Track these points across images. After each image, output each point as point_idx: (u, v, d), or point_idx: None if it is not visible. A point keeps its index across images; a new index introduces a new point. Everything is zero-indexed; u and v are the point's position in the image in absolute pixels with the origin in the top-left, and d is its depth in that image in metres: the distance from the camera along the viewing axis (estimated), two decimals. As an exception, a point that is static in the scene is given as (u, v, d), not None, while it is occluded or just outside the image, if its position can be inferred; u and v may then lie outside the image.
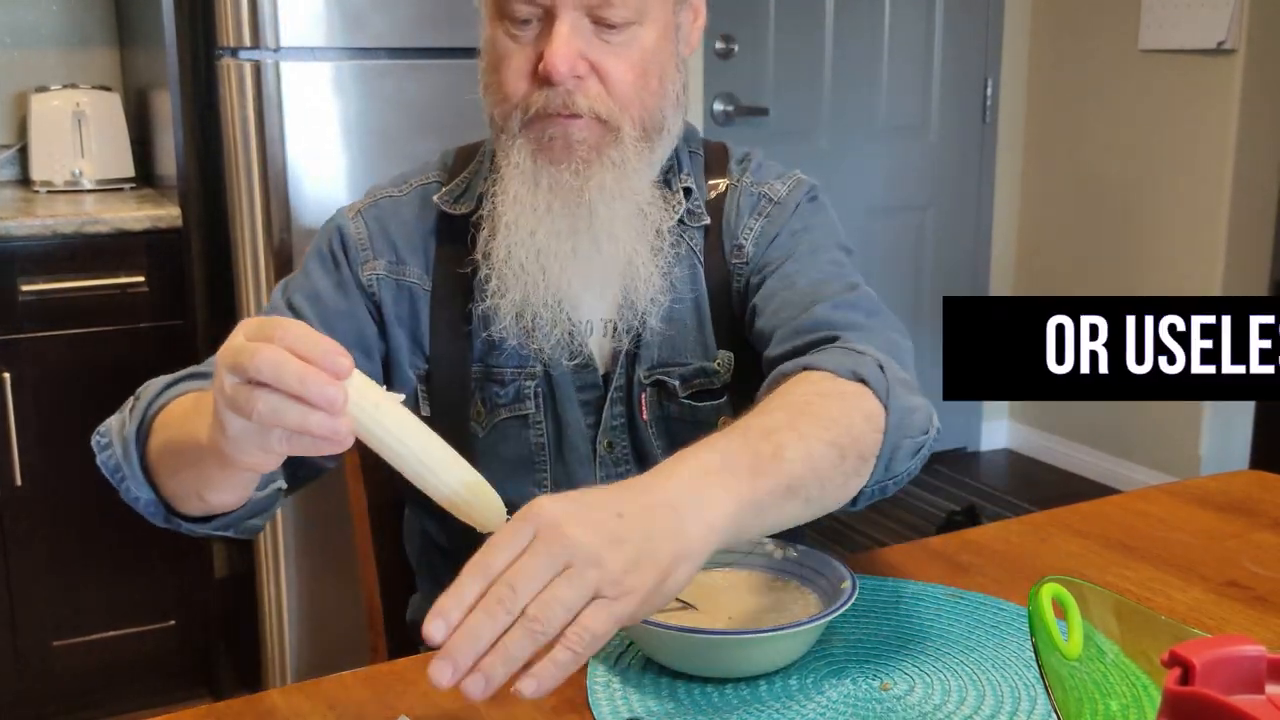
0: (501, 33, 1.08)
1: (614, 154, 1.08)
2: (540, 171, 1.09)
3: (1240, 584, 1.14)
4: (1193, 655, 0.61)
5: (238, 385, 0.78)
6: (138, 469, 0.99)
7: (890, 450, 0.96)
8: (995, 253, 4.23)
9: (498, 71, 1.09)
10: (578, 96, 1.06)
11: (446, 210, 1.19)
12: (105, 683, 2.45)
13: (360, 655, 1.40)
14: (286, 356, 0.76)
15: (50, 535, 2.35)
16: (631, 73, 1.07)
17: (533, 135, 1.09)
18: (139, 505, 1.01)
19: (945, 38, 3.96)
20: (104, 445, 1.03)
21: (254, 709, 0.92)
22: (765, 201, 1.20)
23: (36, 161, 2.65)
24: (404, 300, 1.18)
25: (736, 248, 1.19)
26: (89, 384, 2.34)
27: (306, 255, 1.22)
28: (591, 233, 1.10)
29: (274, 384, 0.76)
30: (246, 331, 0.80)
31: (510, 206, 1.10)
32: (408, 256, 1.19)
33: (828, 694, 0.93)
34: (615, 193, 1.09)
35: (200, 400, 0.93)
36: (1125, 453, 3.90)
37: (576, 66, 1.05)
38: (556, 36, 1.04)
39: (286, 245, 2.33)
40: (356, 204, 1.23)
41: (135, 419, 1.00)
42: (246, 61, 2.27)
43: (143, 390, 1.04)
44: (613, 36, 1.06)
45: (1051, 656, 0.74)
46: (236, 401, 0.78)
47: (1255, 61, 3.42)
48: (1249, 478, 1.45)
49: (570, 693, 0.93)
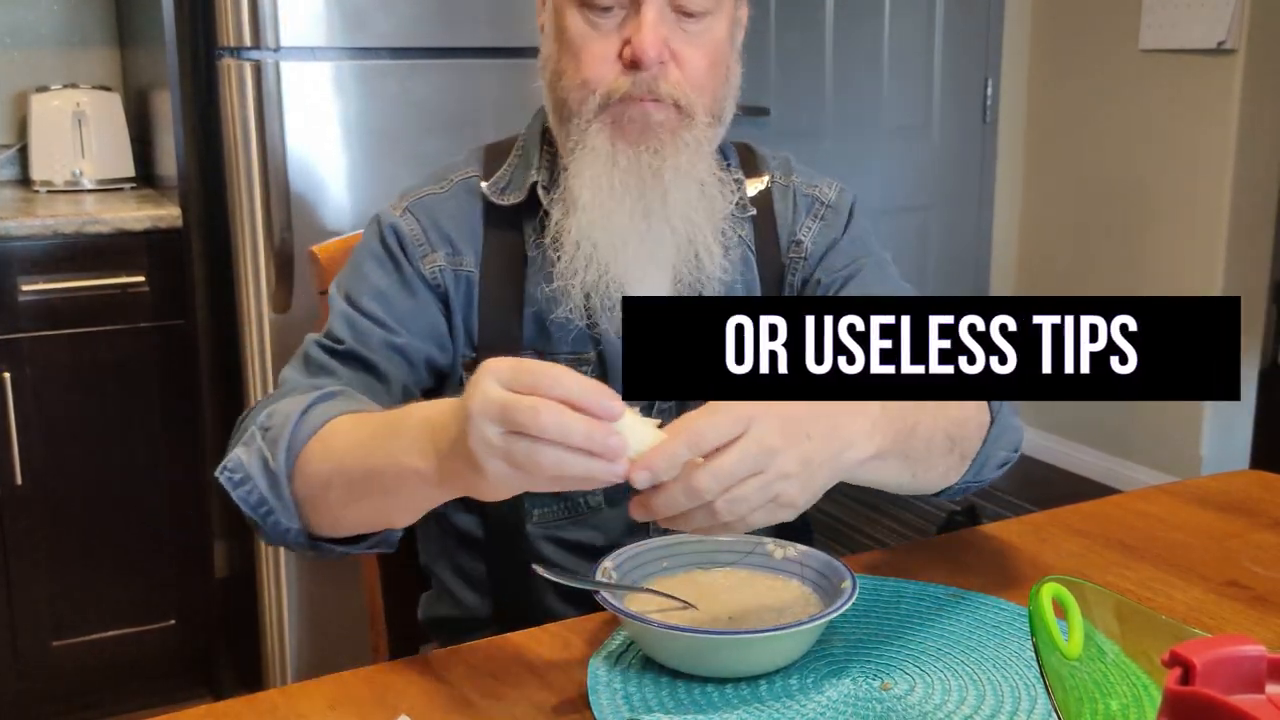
0: (581, 20, 1.11)
1: (688, 136, 1.12)
2: (618, 153, 1.12)
3: (1241, 584, 1.14)
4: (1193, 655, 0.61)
5: (511, 439, 0.81)
6: (289, 501, 1.01)
7: (985, 457, 1.10)
8: (996, 252, 4.23)
9: (577, 57, 1.12)
10: (661, 82, 1.10)
11: (496, 201, 1.21)
12: (105, 683, 2.45)
13: (360, 655, 1.40)
14: (567, 413, 0.81)
15: (50, 535, 2.35)
16: (706, 61, 1.12)
17: (609, 118, 1.12)
18: (288, 537, 1.04)
19: (945, 38, 3.96)
20: (239, 481, 1.03)
21: (254, 709, 0.92)
22: (818, 204, 1.27)
23: (37, 161, 2.65)
24: (462, 290, 1.20)
25: (795, 244, 1.26)
26: (89, 384, 2.34)
27: (357, 259, 1.22)
28: (665, 213, 1.14)
29: (559, 441, 0.80)
30: (502, 379, 0.82)
31: (586, 187, 1.13)
32: (462, 247, 1.21)
33: (828, 694, 0.93)
34: (689, 175, 1.14)
35: (370, 428, 0.97)
36: (1126, 453, 3.90)
37: (663, 52, 1.09)
38: (645, 23, 1.08)
39: (287, 245, 2.33)
40: (398, 203, 1.23)
41: (282, 453, 1.01)
42: (247, 61, 2.27)
43: (262, 420, 1.05)
44: (691, 25, 1.11)
45: (1052, 656, 0.74)
46: (514, 456, 0.81)
47: (1255, 61, 3.42)
48: (1249, 478, 1.45)
49: (571, 692, 0.93)
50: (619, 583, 1.01)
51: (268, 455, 1.02)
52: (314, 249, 1.39)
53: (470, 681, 0.95)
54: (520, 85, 2.51)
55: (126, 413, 2.38)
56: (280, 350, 2.38)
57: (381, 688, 0.94)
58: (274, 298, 2.36)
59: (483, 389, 0.82)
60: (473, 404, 0.82)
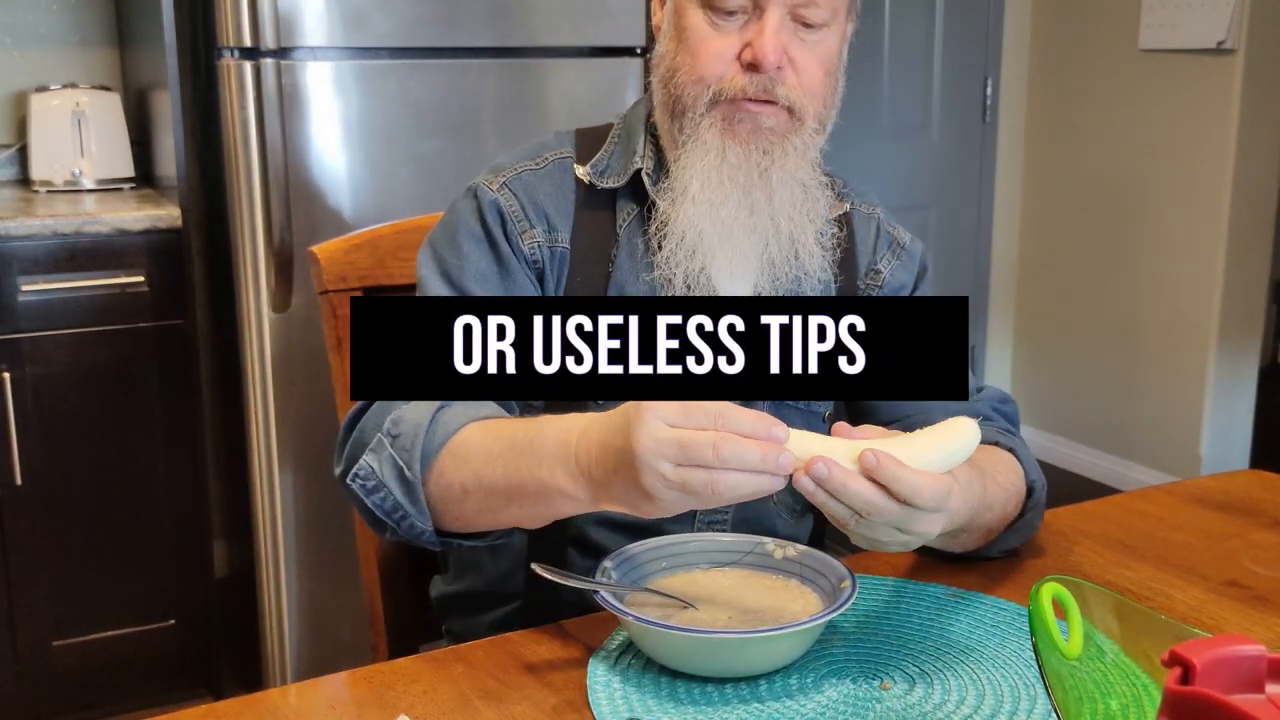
0: (704, 20, 1.14)
1: (796, 141, 1.17)
2: (728, 149, 1.15)
3: (1240, 583, 1.14)
4: (1193, 655, 0.61)
5: (687, 471, 0.86)
6: (425, 506, 1.05)
7: (1001, 547, 1.16)
8: (996, 252, 4.23)
9: (694, 54, 1.15)
10: (778, 85, 1.13)
11: (596, 184, 1.23)
12: (105, 683, 2.45)
13: (360, 655, 1.40)
14: (742, 442, 0.86)
15: (50, 535, 2.35)
16: (821, 69, 1.16)
17: (720, 115, 1.15)
18: (421, 538, 1.08)
19: (945, 37, 3.96)
20: (372, 489, 1.07)
21: (254, 709, 0.92)
22: (896, 245, 1.33)
23: (36, 161, 2.65)
24: (556, 265, 1.22)
25: (873, 271, 1.31)
26: (89, 384, 2.34)
27: (452, 233, 1.22)
28: (770, 209, 1.17)
29: (737, 467, 0.86)
30: (669, 419, 0.87)
31: (695, 178, 1.15)
32: (558, 224, 1.22)
33: (827, 693, 0.93)
34: (794, 176, 1.17)
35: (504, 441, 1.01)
36: (1126, 452, 3.90)
37: (782, 57, 1.13)
38: (767, 28, 1.11)
39: (287, 245, 2.33)
40: (493, 178, 1.23)
41: (417, 462, 1.04)
42: (246, 61, 2.27)
43: (388, 427, 1.07)
44: (808, 35, 1.14)
45: (1051, 656, 0.74)
46: (690, 485, 0.86)
47: (1255, 61, 3.42)
48: (1249, 477, 1.45)
49: (570, 693, 0.93)
50: (619, 583, 1.01)
51: (402, 464, 1.05)
52: (314, 249, 1.39)
53: (470, 681, 0.95)
54: (519, 85, 2.52)
55: (126, 413, 2.38)
56: (280, 350, 2.38)
57: (381, 688, 0.94)
58: (274, 298, 2.36)
59: (650, 430, 0.87)
60: (640, 445, 0.87)
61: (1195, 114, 3.56)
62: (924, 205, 4.04)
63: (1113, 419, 3.92)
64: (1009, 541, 1.16)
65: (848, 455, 0.90)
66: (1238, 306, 3.58)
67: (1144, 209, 3.75)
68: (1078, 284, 4.00)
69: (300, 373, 2.40)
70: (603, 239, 1.22)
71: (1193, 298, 3.63)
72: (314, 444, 2.40)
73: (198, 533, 2.49)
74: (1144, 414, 3.81)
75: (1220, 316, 3.57)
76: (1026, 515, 1.15)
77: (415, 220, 1.43)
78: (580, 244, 1.22)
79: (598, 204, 1.23)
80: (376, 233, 1.41)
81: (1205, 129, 3.53)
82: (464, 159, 2.45)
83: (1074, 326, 4.04)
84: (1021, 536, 1.17)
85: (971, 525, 1.05)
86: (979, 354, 4.28)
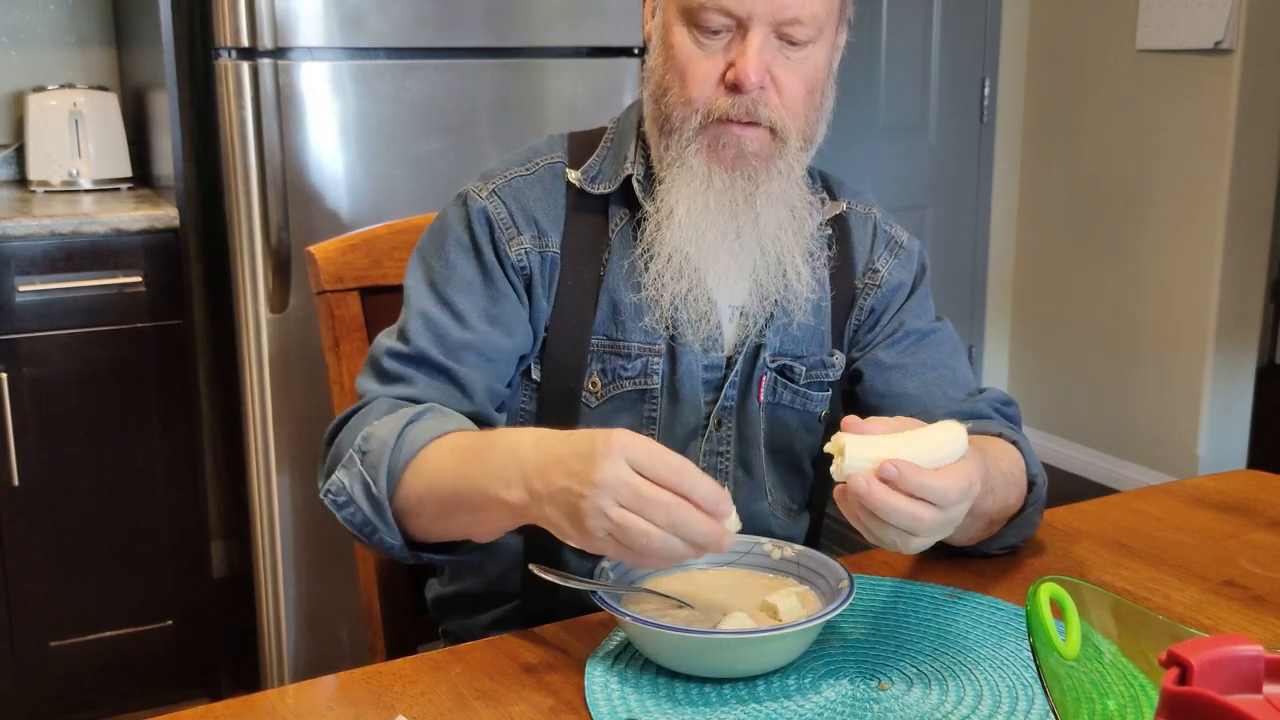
0: (689, 39, 1.14)
1: (780, 164, 1.16)
2: (714, 175, 1.15)
3: (1238, 584, 1.14)
4: (1190, 655, 0.61)
5: (628, 516, 0.88)
6: (392, 522, 1.07)
7: (1001, 542, 1.16)
8: (994, 252, 4.23)
9: (682, 76, 1.14)
10: (760, 106, 1.13)
11: (587, 189, 1.23)
12: (104, 683, 2.45)
13: (358, 656, 1.40)
14: (693, 513, 0.88)
15: (48, 535, 2.35)
16: (804, 88, 1.15)
17: (706, 140, 1.14)
18: (393, 551, 1.10)
19: (943, 38, 3.96)
20: (343, 504, 1.09)
21: (253, 709, 0.92)
22: (894, 244, 1.33)
23: (34, 161, 2.65)
24: (546, 270, 1.22)
25: (871, 271, 1.30)
26: (87, 384, 2.34)
27: (440, 242, 1.22)
28: (756, 233, 1.17)
29: (680, 536, 0.88)
30: (634, 461, 0.89)
31: (681, 202, 1.16)
32: (548, 229, 1.22)
33: (826, 694, 0.93)
34: (780, 199, 1.18)
35: (457, 452, 1.04)
36: (1123, 453, 3.90)
37: (764, 77, 1.12)
38: (749, 48, 1.10)
39: (284, 245, 2.33)
40: (483, 185, 1.24)
41: (383, 479, 1.06)
42: (244, 62, 2.27)
43: (359, 444, 1.09)
44: (794, 53, 1.13)
45: (1049, 656, 0.74)
46: (624, 531, 0.88)
47: (1253, 61, 3.43)
48: (1246, 477, 1.45)
49: (569, 693, 0.93)
50: (616, 583, 1.01)
51: (369, 481, 1.07)
52: (311, 249, 1.39)
53: (468, 682, 0.95)
54: (516, 85, 2.52)
55: (124, 413, 2.38)
56: (277, 350, 2.38)
57: (379, 688, 0.94)
58: (271, 298, 2.36)
59: (612, 466, 0.88)
60: (600, 476, 0.88)
61: (1193, 114, 3.56)
62: (921, 206, 4.04)
63: (1110, 419, 3.93)
64: (1009, 538, 1.16)
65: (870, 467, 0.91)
66: (1235, 307, 3.59)
67: (1141, 209, 3.75)
68: (1075, 284, 4.00)
69: (298, 373, 2.39)
70: (594, 244, 1.22)
71: (1190, 298, 3.63)
72: (312, 444, 2.40)
73: (195, 533, 2.49)
74: (1141, 414, 3.82)
75: (1217, 317, 3.57)
76: (1027, 510, 1.15)
77: (412, 220, 1.43)
78: (571, 249, 1.22)
79: (589, 209, 1.23)
80: (374, 233, 1.41)
81: (1203, 129, 3.54)
82: (461, 159, 2.44)
83: (1071, 326, 4.05)
84: (1022, 533, 1.17)
85: (974, 510, 1.04)
86: (976, 354, 4.29)
